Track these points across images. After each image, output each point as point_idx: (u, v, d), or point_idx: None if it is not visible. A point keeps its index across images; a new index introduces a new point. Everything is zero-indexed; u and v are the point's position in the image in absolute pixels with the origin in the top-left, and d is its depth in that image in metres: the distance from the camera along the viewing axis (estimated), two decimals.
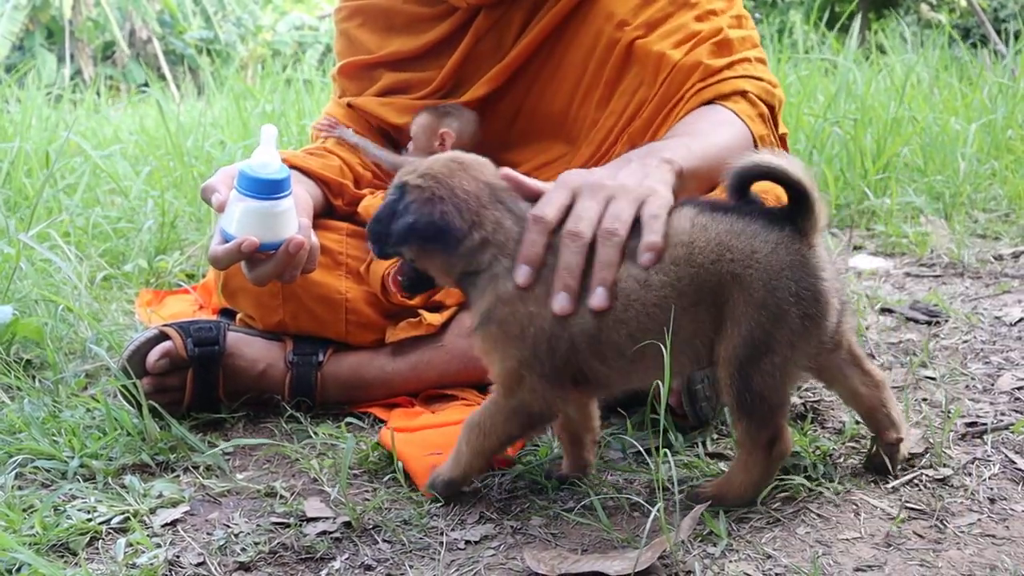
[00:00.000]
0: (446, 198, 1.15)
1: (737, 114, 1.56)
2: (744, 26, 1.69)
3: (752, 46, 1.67)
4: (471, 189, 1.17)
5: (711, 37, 1.62)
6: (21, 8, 22.82)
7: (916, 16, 7.45)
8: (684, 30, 1.63)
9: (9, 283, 2.07)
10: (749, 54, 1.64)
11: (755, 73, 1.62)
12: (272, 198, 1.30)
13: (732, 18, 1.67)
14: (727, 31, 1.63)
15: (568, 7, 1.68)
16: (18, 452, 1.41)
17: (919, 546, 1.11)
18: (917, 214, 2.90)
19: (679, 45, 1.62)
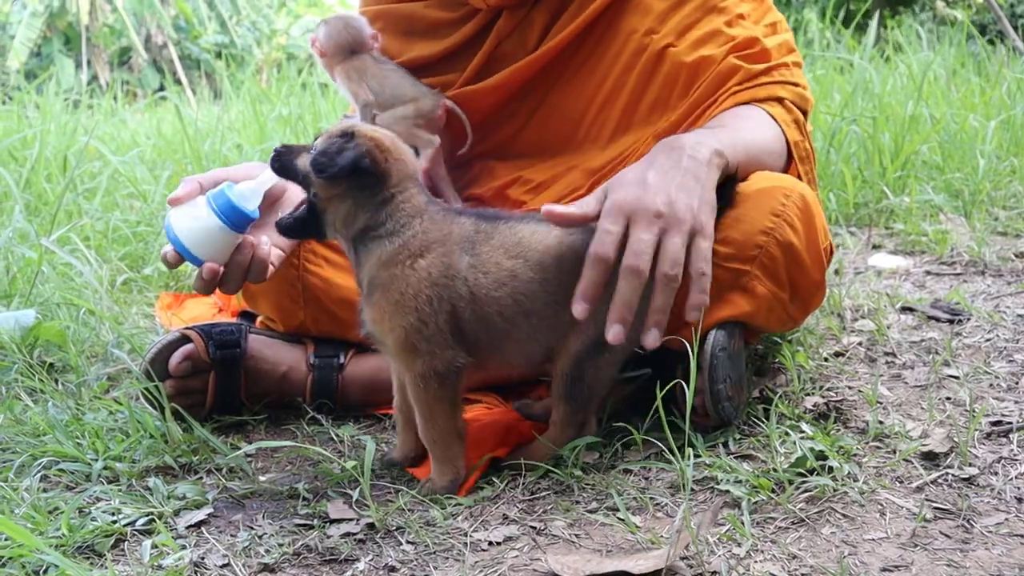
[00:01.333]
0: (382, 155, 1.26)
1: (773, 118, 1.55)
2: (779, 31, 1.69)
3: (789, 51, 1.66)
4: (408, 163, 1.29)
5: (747, 46, 1.61)
6: (39, 15, 23.03)
7: (932, 13, 7.40)
8: (717, 37, 1.62)
9: (32, 287, 2.08)
10: (787, 59, 1.63)
11: (792, 79, 1.61)
12: (238, 231, 1.31)
13: (766, 27, 1.66)
14: (763, 40, 1.63)
15: (595, 12, 1.67)
16: (43, 454, 1.42)
17: (946, 546, 1.10)
18: (936, 212, 2.88)
19: (714, 50, 1.61)
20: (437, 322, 1.24)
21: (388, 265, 1.25)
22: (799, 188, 1.44)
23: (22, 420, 1.55)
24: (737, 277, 1.39)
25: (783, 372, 1.65)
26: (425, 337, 1.24)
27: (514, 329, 1.28)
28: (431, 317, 1.23)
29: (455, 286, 1.25)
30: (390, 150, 1.28)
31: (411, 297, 1.23)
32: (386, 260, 1.25)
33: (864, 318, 1.97)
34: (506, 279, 1.26)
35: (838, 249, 2.61)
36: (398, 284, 1.24)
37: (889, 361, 1.74)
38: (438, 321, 1.24)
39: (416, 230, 1.26)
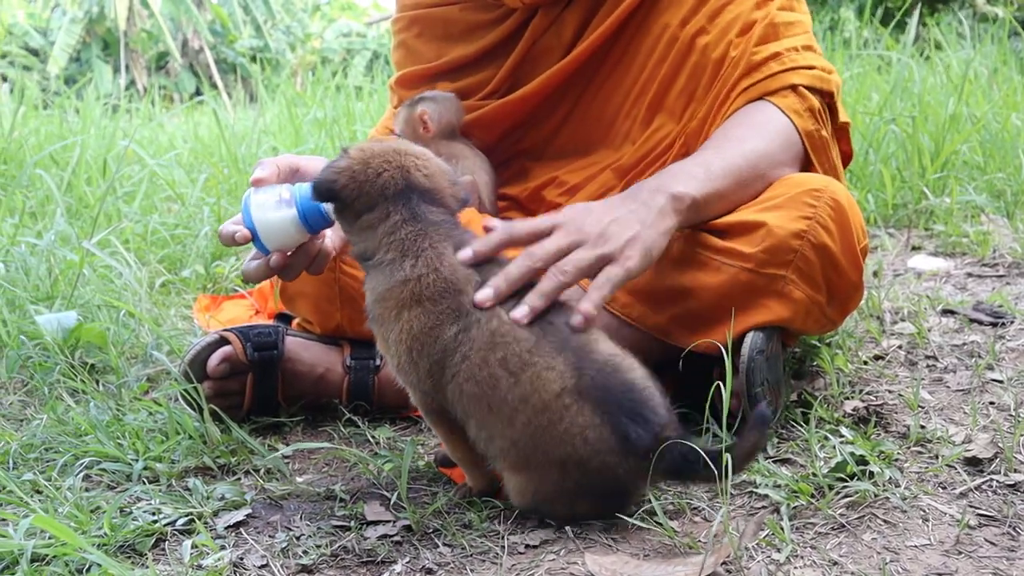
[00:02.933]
0: (356, 174, 1.18)
1: (784, 110, 1.53)
2: (795, 9, 1.65)
3: (802, 31, 1.62)
4: (385, 178, 1.18)
5: (762, 23, 1.59)
6: (78, 21, 23.44)
7: (972, 10, 7.28)
8: (742, 20, 1.60)
9: (73, 289, 2.12)
10: (796, 41, 1.59)
11: (804, 62, 1.57)
12: (313, 232, 1.30)
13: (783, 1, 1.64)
14: (776, 14, 1.60)
15: (630, 6, 1.66)
16: (85, 454, 1.44)
17: (991, 553, 1.08)
18: (978, 213, 2.83)
19: (738, 37, 1.60)
20: (419, 370, 1.17)
21: (378, 302, 1.19)
22: (830, 188, 1.42)
23: (64, 420, 1.57)
24: (772, 282, 1.38)
25: (822, 376, 1.63)
26: (410, 381, 1.20)
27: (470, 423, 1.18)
28: (411, 366, 1.18)
29: (434, 348, 1.16)
30: (364, 167, 1.18)
31: (393, 343, 1.18)
32: (377, 297, 1.19)
33: (904, 321, 1.94)
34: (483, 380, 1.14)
35: (876, 251, 2.57)
36: (384, 328, 1.19)
37: (930, 365, 1.71)
38: (420, 369, 1.17)
39: (407, 275, 1.16)
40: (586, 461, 1.11)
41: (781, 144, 1.51)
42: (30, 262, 2.27)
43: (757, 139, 1.49)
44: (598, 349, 1.14)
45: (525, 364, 1.12)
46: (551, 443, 1.11)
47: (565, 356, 1.12)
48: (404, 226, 1.18)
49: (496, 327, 1.13)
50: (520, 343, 1.13)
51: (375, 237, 1.19)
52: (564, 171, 1.76)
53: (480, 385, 1.13)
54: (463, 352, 1.14)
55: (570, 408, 1.10)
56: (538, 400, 1.11)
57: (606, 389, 1.11)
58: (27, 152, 3.64)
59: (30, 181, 3.29)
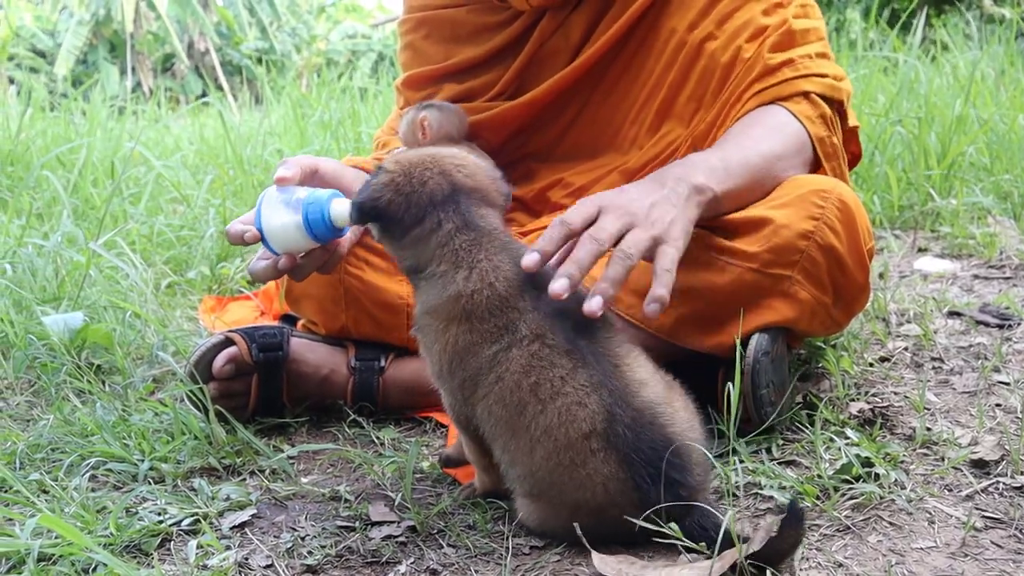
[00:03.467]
0: (401, 186, 1.14)
1: (796, 116, 1.53)
2: (810, 16, 1.65)
3: (817, 38, 1.63)
4: (431, 186, 1.14)
5: (776, 30, 1.59)
6: (85, 23, 23.52)
7: (979, 11, 7.26)
8: (752, 25, 1.60)
9: (80, 290, 2.12)
10: (810, 49, 1.60)
11: (817, 70, 1.57)
12: (320, 243, 1.29)
13: (798, 7, 1.63)
14: (791, 22, 1.60)
15: (639, 10, 1.66)
16: (91, 455, 1.45)
17: (997, 556, 1.07)
18: (984, 215, 2.82)
19: (748, 42, 1.60)
20: (452, 382, 1.15)
21: (428, 314, 1.15)
22: (837, 190, 1.42)
23: (71, 421, 1.58)
24: (778, 283, 1.38)
25: (827, 377, 1.63)
26: (446, 387, 1.17)
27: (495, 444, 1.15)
28: (449, 376, 1.15)
29: (471, 364, 1.12)
30: (408, 178, 1.15)
31: (436, 353, 1.15)
32: (428, 309, 1.15)
33: (910, 323, 1.94)
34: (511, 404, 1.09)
35: (882, 252, 2.57)
36: (428, 338, 1.16)
37: (936, 367, 1.70)
38: (453, 381, 1.14)
39: (460, 289, 1.11)
40: (602, 510, 1.07)
41: (795, 148, 1.51)
42: (37, 263, 2.28)
43: (772, 140, 1.49)
44: (640, 394, 1.08)
45: (556, 393, 1.06)
46: (569, 484, 1.07)
47: (600, 395, 1.06)
48: (458, 235, 1.13)
49: (537, 350, 1.08)
50: (555, 369, 1.07)
51: (428, 249, 1.14)
52: (570, 173, 1.76)
53: (508, 409, 1.09)
54: (498, 372, 1.09)
55: (596, 454, 1.05)
56: (563, 436, 1.06)
57: (637, 446, 1.05)
58: (34, 154, 3.65)
59: (37, 182, 3.30)
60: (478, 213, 1.15)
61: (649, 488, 1.05)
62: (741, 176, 1.39)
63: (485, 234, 1.14)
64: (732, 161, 1.39)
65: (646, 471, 1.05)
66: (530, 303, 1.10)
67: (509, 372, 1.08)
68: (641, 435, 1.05)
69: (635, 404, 1.07)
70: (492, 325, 1.10)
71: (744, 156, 1.42)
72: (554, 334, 1.09)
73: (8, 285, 2.13)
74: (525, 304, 1.10)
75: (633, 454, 1.05)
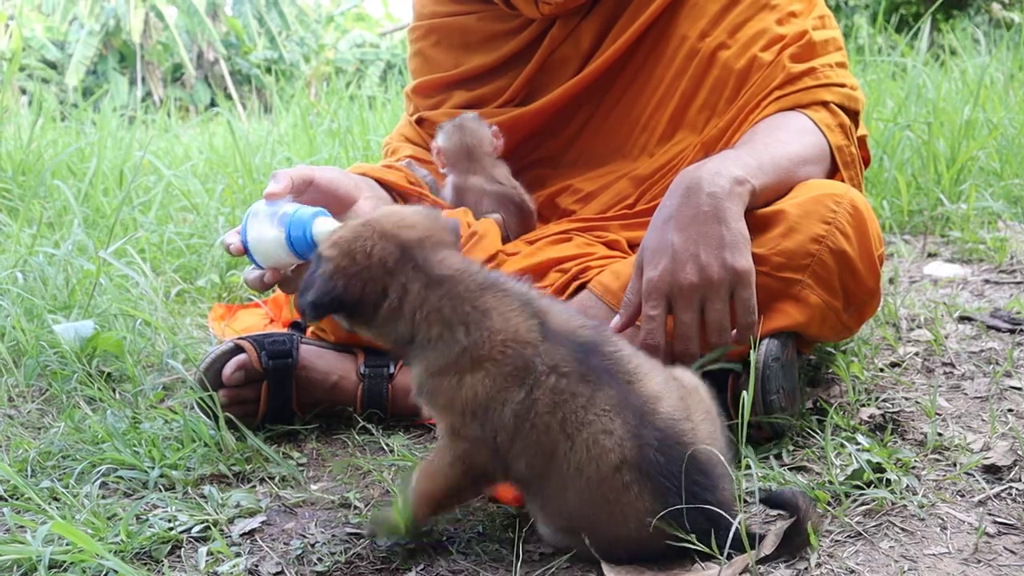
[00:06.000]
0: (349, 268, 1.07)
1: (816, 123, 1.53)
2: (828, 26, 1.66)
3: (835, 49, 1.63)
4: (377, 255, 1.08)
5: (796, 40, 1.59)
6: (95, 34, 23.67)
7: (987, 16, 7.25)
8: (767, 35, 1.61)
9: (90, 298, 2.13)
10: (830, 59, 1.61)
11: (837, 80, 1.58)
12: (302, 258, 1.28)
13: (816, 19, 1.64)
14: (811, 33, 1.60)
15: (649, 18, 1.67)
16: (101, 462, 1.45)
17: (1011, 562, 1.07)
18: (994, 219, 2.81)
19: (764, 50, 1.60)
20: (479, 430, 1.08)
21: (435, 377, 1.09)
22: (850, 195, 1.42)
23: (82, 428, 1.58)
24: (789, 286, 1.37)
25: (837, 383, 1.62)
26: (466, 436, 1.09)
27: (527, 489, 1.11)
28: (472, 424, 1.08)
29: (503, 414, 1.06)
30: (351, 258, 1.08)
31: (458, 411, 1.08)
32: (434, 372, 1.09)
33: (920, 328, 1.93)
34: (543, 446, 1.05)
35: (892, 258, 2.56)
36: (442, 398, 1.09)
37: (947, 372, 1.70)
38: (481, 430, 1.07)
39: (464, 344, 1.07)
40: (641, 543, 1.04)
41: (817, 154, 1.52)
42: (48, 272, 2.29)
43: (798, 145, 1.50)
44: (659, 411, 1.05)
45: (581, 423, 1.03)
46: (605, 522, 1.04)
47: (624, 418, 1.03)
48: (430, 293, 1.08)
49: (554, 383, 1.04)
50: (577, 399, 1.03)
51: (406, 317, 1.09)
52: (579, 179, 1.76)
53: (541, 456, 1.05)
54: (531, 420, 1.04)
55: (630, 488, 1.02)
56: (594, 472, 1.02)
57: (668, 471, 1.02)
58: (45, 163, 3.67)
59: (48, 192, 3.32)
60: (437, 261, 1.09)
61: (684, 513, 1.02)
62: (770, 174, 1.40)
63: (457, 282, 1.09)
64: (764, 159, 1.40)
65: (679, 498, 1.02)
66: (537, 333, 1.07)
67: (538, 415, 1.04)
68: (671, 458, 1.02)
69: (658, 424, 1.04)
70: (511, 367, 1.05)
71: (773, 156, 1.43)
72: (566, 361, 1.05)
73: (20, 293, 2.15)
74: (533, 335, 1.06)
75: (665, 481, 1.02)
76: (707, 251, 1.27)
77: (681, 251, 1.28)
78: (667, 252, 1.29)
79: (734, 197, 1.31)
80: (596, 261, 1.54)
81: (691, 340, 1.29)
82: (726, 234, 1.28)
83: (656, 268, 1.29)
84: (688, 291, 1.27)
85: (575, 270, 1.52)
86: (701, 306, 1.28)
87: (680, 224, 1.30)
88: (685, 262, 1.27)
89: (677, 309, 1.28)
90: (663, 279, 1.28)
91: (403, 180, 1.70)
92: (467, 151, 1.72)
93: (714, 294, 1.27)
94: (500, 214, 1.71)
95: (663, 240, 1.30)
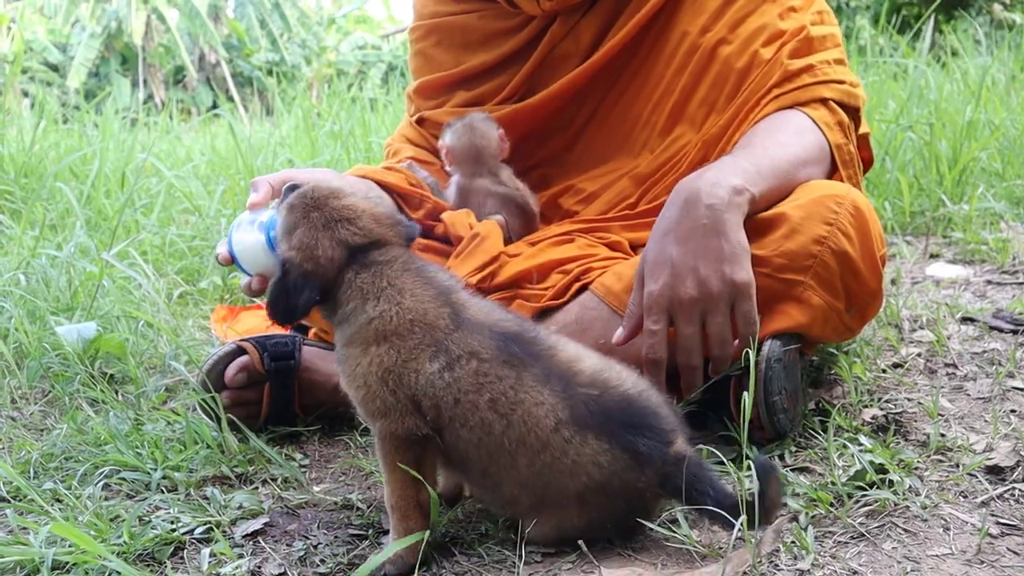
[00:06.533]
0: (313, 271, 1.15)
1: (815, 121, 1.53)
2: (826, 22, 1.66)
3: (834, 45, 1.63)
4: (329, 254, 1.15)
5: (794, 36, 1.59)
6: (97, 36, 23.70)
7: (989, 16, 7.25)
8: (767, 30, 1.60)
9: (93, 300, 2.14)
10: (829, 55, 1.60)
11: (836, 76, 1.58)
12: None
13: (815, 14, 1.64)
14: (810, 28, 1.60)
15: (649, 13, 1.67)
16: (104, 463, 1.45)
17: (1014, 563, 1.06)
18: (996, 220, 2.81)
19: (764, 46, 1.60)
20: (391, 397, 1.11)
21: (346, 346, 1.16)
22: (851, 195, 1.42)
23: (84, 430, 1.59)
24: (791, 288, 1.37)
25: (840, 384, 1.62)
26: (379, 408, 1.12)
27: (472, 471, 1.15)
28: (381, 392, 1.12)
29: (414, 381, 1.11)
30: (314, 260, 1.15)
31: (361, 376, 1.13)
32: (346, 342, 1.16)
33: (923, 329, 1.93)
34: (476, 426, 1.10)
35: (894, 258, 2.56)
36: (349, 364, 1.15)
37: (950, 373, 1.69)
38: (394, 396, 1.11)
39: (371, 315, 1.13)
40: (605, 486, 1.08)
41: (816, 154, 1.52)
42: (50, 274, 2.30)
43: (797, 146, 1.50)
44: (582, 370, 1.11)
45: (513, 404, 1.08)
46: (562, 479, 1.08)
47: (551, 386, 1.09)
48: (359, 275, 1.15)
49: (476, 367, 1.10)
50: (503, 380, 1.09)
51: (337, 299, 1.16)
52: (581, 179, 1.76)
53: (475, 431, 1.09)
54: (454, 395, 1.09)
55: (572, 441, 1.07)
56: (535, 440, 1.08)
57: (604, 412, 1.08)
58: (47, 165, 3.68)
59: (50, 194, 3.33)
60: (374, 256, 1.16)
61: (635, 442, 1.07)
62: (770, 179, 1.41)
63: (385, 264, 1.15)
64: (763, 164, 1.40)
65: (624, 431, 1.08)
66: (447, 320, 1.12)
67: (462, 392, 1.09)
68: (604, 403, 1.09)
69: (582, 378, 1.10)
70: (415, 342, 1.11)
71: (772, 160, 1.43)
72: (485, 348, 1.11)
73: (22, 295, 2.15)
74: (444, 322, 1.12)
75: (605, 424, 1.08)
76: (706, 265, 1.28)
77: (680, 265, 1.29)
78: (667, 266, 1.30)
79: (733, 208, 1.32)
80: (598, 262, 1.54)
81: (693, 353, 1.30)
82: (725, 247, 1.29)
83: (656, 282, 1.30)
84: (688, 305, 1.28)
85: (577, 271, 1.52)
86: (702, 319, 1.29)
87: (679, 237, 1.31)
88: (685, 276, 1.28)
89: (678, 323, 1.30)
90: (663, 294, 1.29)
91: (404, 182, 1.70)
92: (476, 152, 1.72)
93: (714, 307, 1.28)
94: (503, 215, 1.71)
95: (663, 253, 1.31)
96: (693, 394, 1.33)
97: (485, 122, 1.72)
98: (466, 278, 1.55)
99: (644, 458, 1.08)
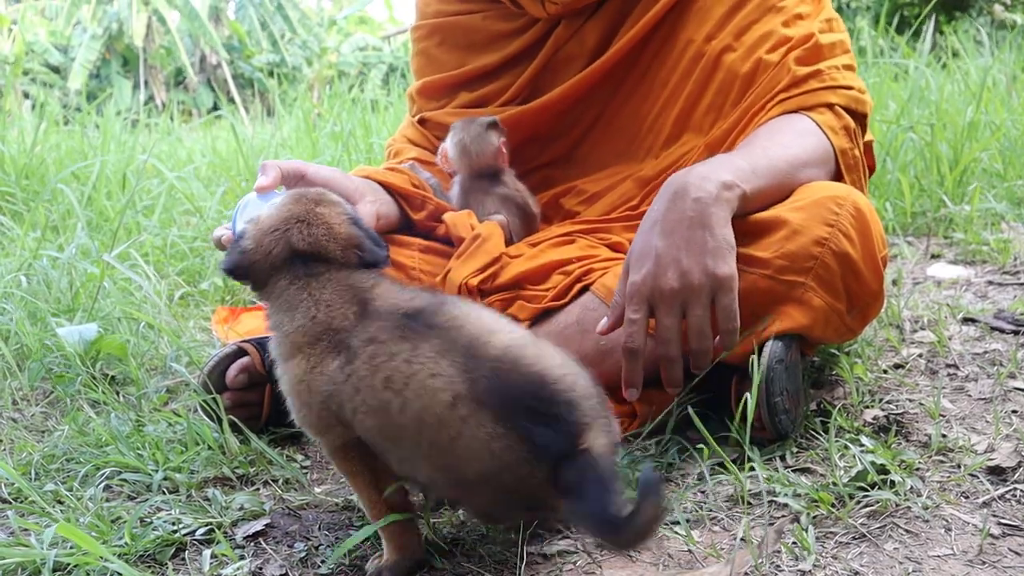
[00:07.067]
0: (248, 251, 1.14)
1: (820, 125, 1.53)
2: (835, 29, 1.66)
3: (843, 51, 1.63)
4: (269, 246, 1.13)
5: (802, 43, 1.59)
6: (98, 38, 23.72)
7: (990, 17, 7.25)
8: (773, 37, 1.61)
9: (94, 302, 2.14)
10: (837, 61, 1.60)
11: (843, 82, 1.58)
12: None
13: (823, 22, 1.64)
14: (818, 36, 1.60)
15: (654, 19, 1.67)
16: (105, 465, 1.45)
17: (1015, 564, 1.06)
18: (998, 220, 2.81)
19: (769, 53, 1.60)
20: (315, 409, 1.09)
21: (275, 360, 1.15)
22: (852, 197, 1.41)
23: (86, 431, 1.59)
24: (792, 289, 1.37)
25: (841, 384, 1.62)
26: (312, 422, 1.11)
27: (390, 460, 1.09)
28: (307, 405, 1.10)
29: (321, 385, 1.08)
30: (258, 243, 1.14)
31: (285, 391, 1.13)
32: (275, 356, 1.15)
33: (924, 329, 1.93)
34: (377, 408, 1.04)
35: (895, 259, 2.56)
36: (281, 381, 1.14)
37: (951, 373, 1.69)
38: (316, 408, 1.09)
39: (289, 329, 1.11)
40: (498, 476, 0.99)
41: (819, 157, 1.52)
42: (52, 275, 2.30)
43: (798, 148, 1.49)
44: (492, 343, 1.01)
45: (407, 376, 1.00)
46: (461, 461, 0.99)
47: (452, 358, 1.00)
48: (289, 286, 1.12)
49: (372, 350, 1.04)
50: (397, 356, 1.02)
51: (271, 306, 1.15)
52: (584, 180, 1.77)
53: (376, 415, 1.03)
54: (354, 384, 1.04)
55: (468, 420, 0.98)
56: (432, 416, 0.99)
57: (504, 391, 0.98)
58: (49, 167, 3.68)
59: (52, 195, 3.33)
60: (312, 268, 1.12)
61: (531, 430, 0.97)
62: (765, 178, 1.40)
63: (312, 277, 1.11)
64: (759, 163, 1.40)
65: (522, 416, 0.97)
66: (351, 319, 1.08)
67: (360, 379, 1.04)
68: (507, 381, 0.98)
69: (490, 351, 1.01)
70: (322, 348, 1.08)
71: (770, 159, 1.42)
72: (382, 331, 1.05)
73: (24, 297, 2.15)
74: (348, 321, 1.08)
75: (504, 404, 0.98)
76: (689, 257, 1.28)
77: (664, 256, 1.29)
78: (650, 257, 1.30)
79: (720, 202, 1.31)
80: (599, 263, 1.54)
81: (671, 344, 1.29)
82: (710, 240, 1.28)
83: (639, 272, 1.30)
84: (669, 296, 1.28)
85: (578, 272, 1.52)
86: (683, 311, 1.28)
87: (665, 229, 1.31)
88: (667, 267, 1.28)
89: (658, 313, 1.29)
90: (645, 283, 1.29)
91: (406, 183, 1.70)
92: (470, 161, 1.72)
93: (695, 300, 1.28)
94: (504, 216, 1.71)
95: (647, 244, 1.31)
96: (674, 389, 1.32)
97: (485, 131, 1.72)
98: (467, 279, 1.55)
99: (540, 452, 0.97)
